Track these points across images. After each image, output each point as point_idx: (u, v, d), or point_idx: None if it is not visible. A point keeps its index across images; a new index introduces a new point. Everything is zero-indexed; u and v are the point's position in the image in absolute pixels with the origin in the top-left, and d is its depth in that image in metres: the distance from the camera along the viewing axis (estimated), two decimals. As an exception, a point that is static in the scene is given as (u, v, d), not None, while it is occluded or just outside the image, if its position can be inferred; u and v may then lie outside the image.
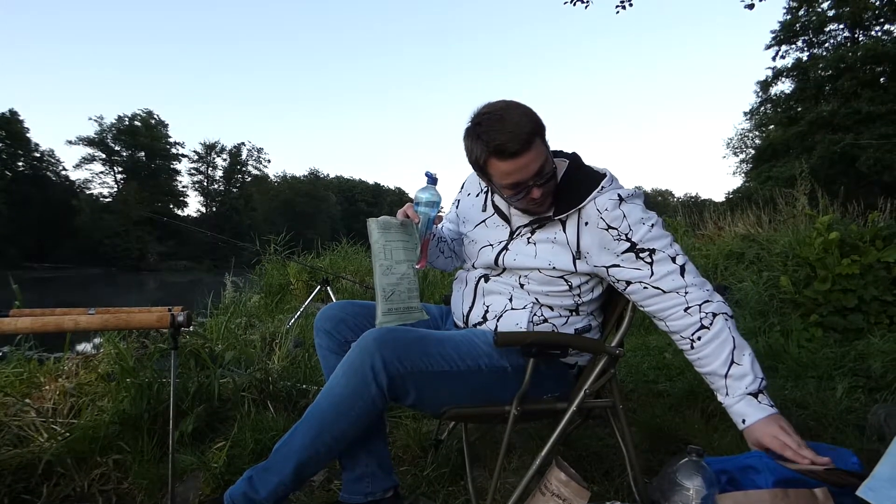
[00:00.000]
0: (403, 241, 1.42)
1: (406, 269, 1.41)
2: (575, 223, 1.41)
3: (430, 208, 1.44)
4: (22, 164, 50.59)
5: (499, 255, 1.50)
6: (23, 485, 1.67)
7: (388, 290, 1.37)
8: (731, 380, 1.32)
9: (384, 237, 1.40)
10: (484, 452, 1.98)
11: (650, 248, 1.34)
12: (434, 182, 1.46)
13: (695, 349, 1.35)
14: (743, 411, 1.32)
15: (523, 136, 1.30)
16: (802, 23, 24.38)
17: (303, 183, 76.30)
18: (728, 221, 7.01)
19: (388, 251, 1.39)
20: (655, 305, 1.37)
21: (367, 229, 1.42)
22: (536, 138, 1.33)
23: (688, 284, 1.34)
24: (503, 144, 1.30)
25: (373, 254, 1.39)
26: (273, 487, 1.26)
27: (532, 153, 1.32)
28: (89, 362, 2.37)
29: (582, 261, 1.42)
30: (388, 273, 1.38)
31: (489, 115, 1.34)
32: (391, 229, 1.41)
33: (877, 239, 3.54)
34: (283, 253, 6.43)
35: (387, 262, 1.38)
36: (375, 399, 1.26)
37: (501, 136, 1.30)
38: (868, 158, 19.79)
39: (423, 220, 1.44)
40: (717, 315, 1.33)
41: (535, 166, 1.33)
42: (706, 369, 1.35)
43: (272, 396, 2.34)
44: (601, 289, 1.50)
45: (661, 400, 2.56)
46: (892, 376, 2.53)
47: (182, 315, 1.46)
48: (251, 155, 69.60)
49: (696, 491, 1.43)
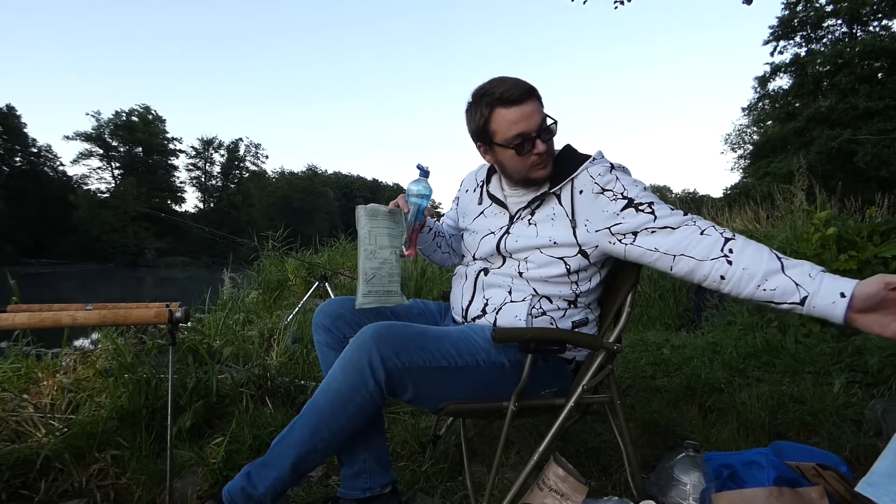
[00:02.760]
0: (389, 229, 1.49)
1: (389, 254, 1.47)
2: (569, 194, 1.43)
3: (421, 199, 1.49)
4: (19, 159, 50.45)
5: (500, 241, 1.51)
6: (20, 480, 1.66)
7: (370, 274, 1.45)
8: (793, 270, 1.15)
9: (370, 223, 1.46)
10: (482, 448, 1.98)
11: (648, 201, 1.34)
12: (426, 175, 1.50)
13: (734, 263, 1.20)
14: (833, 286, 1.09)
15: (526, 86, 1.39)
16: (800, 18, 24.37)
17: (301, 179, 76.19)
18: (726, 217, 7.03)
19: (374, 237, 1.46)
20: (669, 243, 1.28)
21: (356, 215, 1.48)
22: (536, 95, 1.40)
23: (693, 217, 1.30)
24: (507, 91, 1.37)
25: (359, 238, 1.47)
26: (271, 482, 1.27)
27: (534, 104, 1.39)
28: (87, 358, 2.37)
29: (581, 229, 1.41)
30: (372, 257, 1.45)
31: (488, 80, 1.43)
32: (378, 216, 1.48)
33: (874, 234, 3.55)
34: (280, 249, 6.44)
35: (371, 246, 1.45)
36: (373, 394, 1.27)
37: (504, 85, 1.38)
38: (866, 154, 19.82)
39: (412, 211, 1.49)
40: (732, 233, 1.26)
41: (538, 118, 1.39)
42: (759, 272, 1.16)
43: (270, 392, 2.34)
44: (599, 278, 1.50)
45: (659, 395, 2.57)
46: (888, 372, 2.54)
47: (180, 311, 1.46)
48: (249, 150, 69.55)
49: (693, 486, 1.44)
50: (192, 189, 70.70)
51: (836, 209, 5.19)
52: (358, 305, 1.46)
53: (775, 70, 25.49)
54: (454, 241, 1.79)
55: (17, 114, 49.54)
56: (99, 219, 52.16)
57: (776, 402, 2.30)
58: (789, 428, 2.12)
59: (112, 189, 57.15)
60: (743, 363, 3.02)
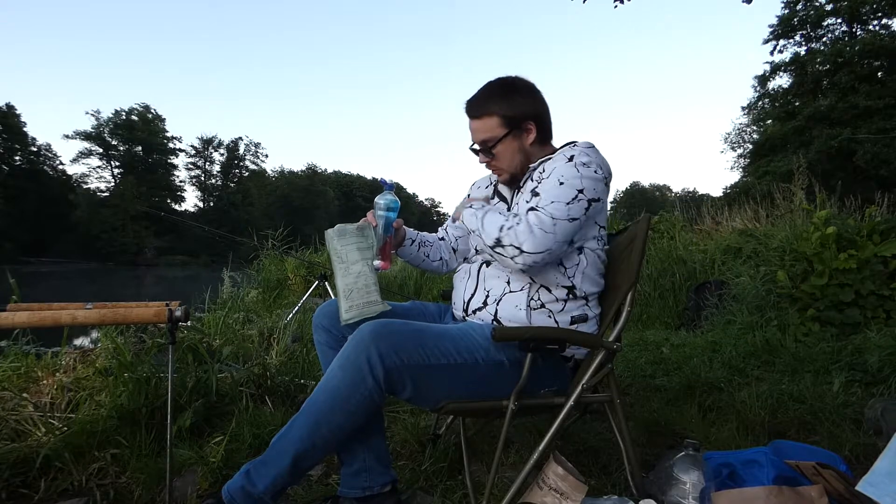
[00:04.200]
0: (357, 243, 1.53)
1: (361, 267, 1.51)
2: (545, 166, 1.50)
3: (388, 212, 1.54)
4: (19, 158, 50.44)
5: None
6: (20, 479, 1.66)
7: (348, 290, 1.49)
8: None
9: (340, 243, 1.51)
10: (482, 447, 1.98)
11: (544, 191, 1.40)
12: (391, 188, 1.56)
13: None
14: None
15: (477, 105, 1.54)
16: (800, 17, 24.35)
17: (300, 178, 76.20)
18: (725, 216, 7.01)
19: (345, 254, 1.51)
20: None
21: (326, 239, 1.54)
22: (494, 117, 1.51)
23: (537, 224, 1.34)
24: (466, 103, 1.56)
25: (332, 260, 1.52)
26: (271, 480, 1.27)
27: (481, 123, 1.53)
28: (87, 357, 2.37)
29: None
30: (346, 274, 1.49)
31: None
32: (346, 235, 1.53)
33: (874, 233, 3.55)
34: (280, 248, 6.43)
35: (343, 264, 1.50)
36: (372, 391, 1.27)
37: (471, 97, 1.56)
38: (866, 153, 19.82)
39: (381, 223, 1.54)
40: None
41: (478, 136, 1.55)
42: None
43: (270, 391, 2.34)
44: (586, 262, 1.50)
45: (659, 394, 2.57)
46: (888, 371, 2.54)
47: (179, 310, 1.46)
48: (249, 150, 69.53)
49: (692, 484, 1.44)
50: (191, 188, 70.66)
51: (836, 208, 5.18)
52: (343, 322, 1.47)
53: (775, 69, 25.46)
54: (461, 242, 1.81)
55: (17, 113, 49.55)
56: (98, 217, 52.12)
57: (776, 401, 2.30)
58: (789, 427, 2.12)
59: (112, 188, 57.16)
60: (742, 362, 3.02)
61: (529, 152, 1.56)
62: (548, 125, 1.58)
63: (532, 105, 1.54)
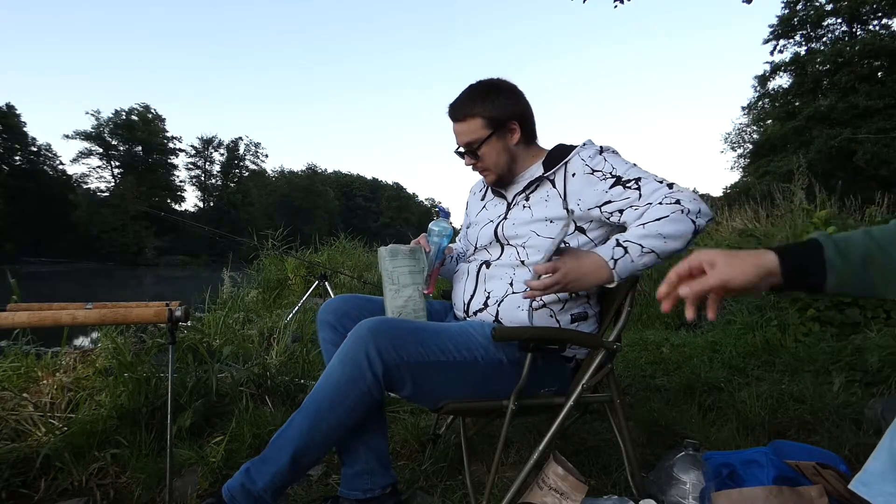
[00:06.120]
0: (410, 267, 1.55)
1: (412, 291, 1.53)
2: (562, 176, 1.49)
3: (442, 239, 1.58)
4: (19, 158, 50.44)
5: (498, 227, 1.55)
6: (20, 479, 1.66)
7: (396, 312, 1.51)
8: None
9: (392, 263, 1.53)
10: (482, 447, 1.98)
11: (635, 177, 1.39)
12: (447, 216, 1.60)
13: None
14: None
15: (460, 108, 1.54)
16: (800, 17, 24.37)
17: (300, 178, 76.13)
18: (726, 216, 7.01)
19: (396, 276, 1.52)
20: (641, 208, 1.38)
21: (378, 256, 1.56)
22: (478, 118, 1.52)
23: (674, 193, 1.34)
24: (449, 106, 1.57)
25: (383, 279, 1.54)
26: (270, 477, 1.26)
27: (464, 125, 1.54)
28: (87, 357, 2.36)
29: (574, 208, 1.46)
30: (396, 296, 1.52)
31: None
32: (398, 256, 1.54)
33: (874, 234, 3.54)
34: (280, 248, 6.42)
35: (394, 286, 1.52)
36: (371, 387, 1.27)
37: (453, 101, 1.57)
38: (866, 153, 19.83)
39: (434, 250, 1.58)
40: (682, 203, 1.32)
41: (462, 139, 1.55)
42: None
43: (270, 391, 2.34)
44: None
45: (659, 394, 2.57)
46: (888, 370, 2.54)
47: (179, 310, 1.46)
48: (249, 150, 69.53)
49: (692, 484, 1.44)
50: (191, 188, 70.58)
51: (836, 208, 5.18)
52: None
53: (775, 69, 25.49)
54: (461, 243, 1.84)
55: (17, 112, 49.56)
56: (98, 217, 52.15)
57: (776, 401, 2.30)
58: (789, 427, 2.12)
59: (112, 188, 57.17)
60: (742, 362, 3.02)
61: (514, 152, 1.56)
62: (532, 125, 1.59)
63: (515, 105, 1.55)
